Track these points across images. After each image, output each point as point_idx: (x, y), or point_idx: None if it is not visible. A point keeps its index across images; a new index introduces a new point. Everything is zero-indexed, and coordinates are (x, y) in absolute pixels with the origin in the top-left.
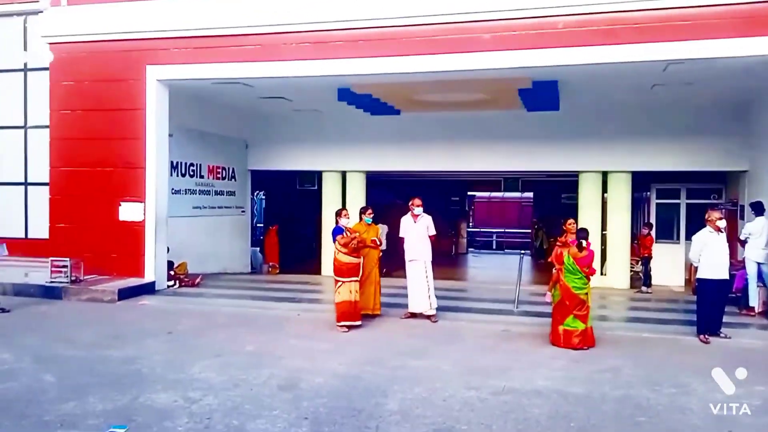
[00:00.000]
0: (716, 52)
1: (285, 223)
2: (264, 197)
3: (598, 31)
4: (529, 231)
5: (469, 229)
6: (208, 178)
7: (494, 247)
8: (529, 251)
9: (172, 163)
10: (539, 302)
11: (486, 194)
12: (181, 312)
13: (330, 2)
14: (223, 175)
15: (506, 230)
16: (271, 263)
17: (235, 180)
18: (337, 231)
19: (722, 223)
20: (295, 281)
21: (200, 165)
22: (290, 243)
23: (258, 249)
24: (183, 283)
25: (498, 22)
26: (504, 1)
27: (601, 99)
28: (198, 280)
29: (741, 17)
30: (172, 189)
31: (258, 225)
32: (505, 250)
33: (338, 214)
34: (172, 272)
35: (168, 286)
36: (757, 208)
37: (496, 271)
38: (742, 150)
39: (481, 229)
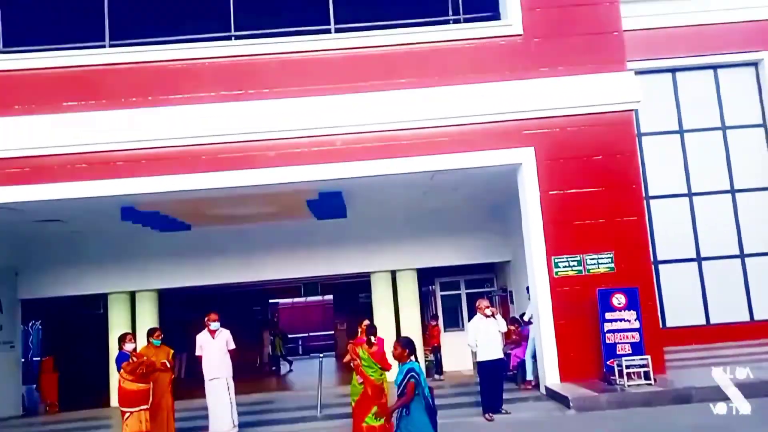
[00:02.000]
0: (469, 162)
1: (66, 354)
2: (41, 327)
3: (371, 147)
4: (332, 332)
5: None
6: None
7: (301, 352)
8: (333, 353)
9: None
10: (342, 403)
11: (289, 300)
12: None
13: (107, 125)
14: None
15: (311, 334)
16: (48, 401)
17: (2, 312)
18: (122, 357)
19: (489, 311)
20: (78, 419)
21: None
22: (73, 376)
23: (34, 386)
24: None
25: (282, 141)
26: (286, 122)
27: (384, 205)
28: None
29: (486, 135)
30: None
31: (35, 359)
32: (311, 355)
33: (122, 339)
34: None
35: None
36: None
37: (302, 377)
38: (504, 243)
39: (287, 336)
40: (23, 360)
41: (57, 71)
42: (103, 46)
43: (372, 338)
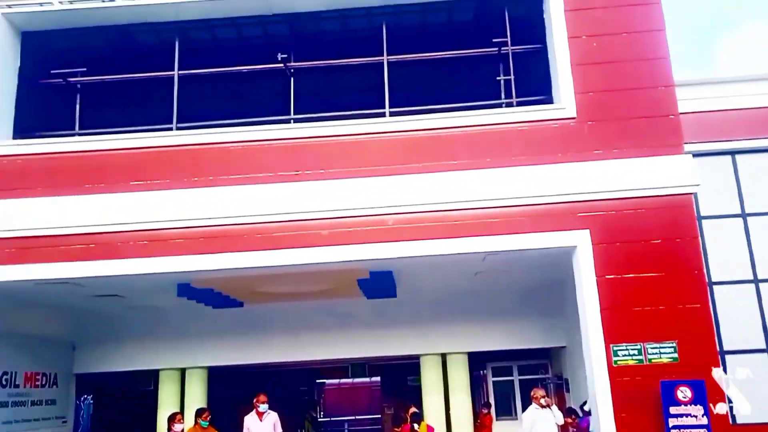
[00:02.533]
0: (522, 244)
1: (116, 430)
2: (92, 401)
3: (422, 227)
4: (378, 416)
5: (321, 419)
6: (25, 387)
7: None
8: None
9: None
10: None
11: (336, 381)
12: None
13: (169, 204)
14: (43, 382)
15: (357, 417)
16: None
17: (57, 387)
18: None
19: (544, 401)
20: None
21: (15, 373)
22: None
23: None
24: None
25: (335, 220)
26: (340, 202)
27: (434, 285)
28: None
29: (540, 216)
30: None
31: None
32: None
33: (171, 419)
34: None
35: None
36: None
37: None
38: (560, 328)
39: (332, 418)
40: None
41: (127, 152)
42: (171, 128)
43: (416, 426)
